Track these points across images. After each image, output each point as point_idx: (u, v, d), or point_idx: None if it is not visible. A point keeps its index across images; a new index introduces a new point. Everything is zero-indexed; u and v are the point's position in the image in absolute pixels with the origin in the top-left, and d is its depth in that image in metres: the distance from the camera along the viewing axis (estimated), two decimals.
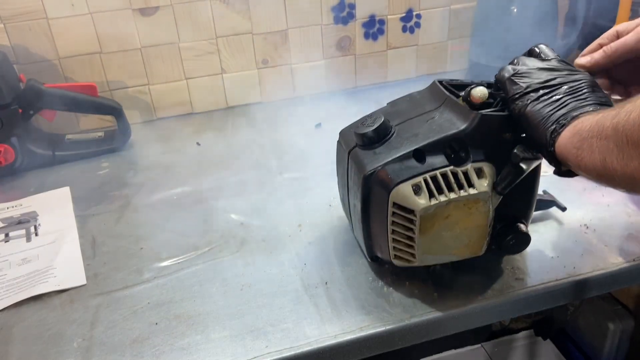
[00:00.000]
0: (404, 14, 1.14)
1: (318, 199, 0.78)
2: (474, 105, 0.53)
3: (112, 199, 0.83)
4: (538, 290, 0.60)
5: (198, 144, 0.99)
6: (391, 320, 0.56)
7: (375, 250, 0.60)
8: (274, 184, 0.84)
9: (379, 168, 0.54)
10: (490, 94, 0.54)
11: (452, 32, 1.19)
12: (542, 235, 0.68)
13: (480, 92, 0.53)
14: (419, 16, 1.15)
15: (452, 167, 0.53)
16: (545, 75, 0.52)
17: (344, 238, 0.69)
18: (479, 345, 1.25)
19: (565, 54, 1.11)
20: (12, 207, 0.81)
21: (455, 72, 1.24)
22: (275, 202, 0.79)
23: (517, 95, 0.52)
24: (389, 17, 1.13)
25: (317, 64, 1.14)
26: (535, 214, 0.69)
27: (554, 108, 0.50)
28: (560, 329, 1.16)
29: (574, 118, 0.48)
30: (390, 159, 0.54)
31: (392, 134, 0.56)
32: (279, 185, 0.84)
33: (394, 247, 0.55)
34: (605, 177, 0.44)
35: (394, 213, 0.53)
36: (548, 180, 0.64)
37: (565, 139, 0.47)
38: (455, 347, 1.19)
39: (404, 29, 1.16)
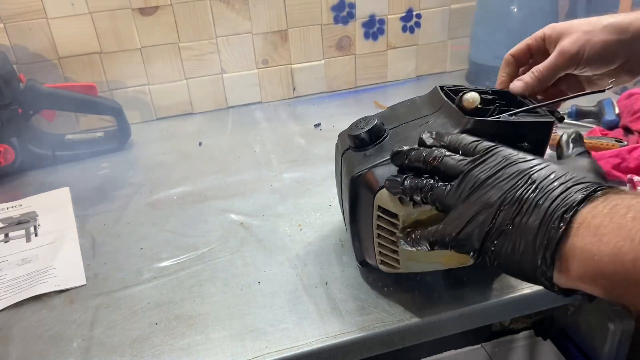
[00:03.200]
0: (404, 14, 1.14)
1: (318, 199, 0.78)
2: (466, 111, 0.52)
3: (112, 199, 0.83)
4: (538, 290, 0.59)
5: (200, 143, 0.99)
6: (391, 320, 0.56)
7: (364, 255, 0.59)
8: (274, 184, 0.84)
9: (366, 170, 0.53)
10: (486, 100, 0.53)
11: (452, 32, 1.19)
12: None
13: (471, 98, 0.52)
14: (419, 16, 1.15)
15: None
16: (496, 192, 0.41)
17: (344, 238, 0.69)
18: (479, 345, 1.25)
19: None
20: (12, 207, 0.81)
21: (455, 72, 1.24)
22: (275, 202, 0.79)
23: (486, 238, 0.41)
24: (389, 16, 1.13)
25: (317, 64, 1.14)
26: None
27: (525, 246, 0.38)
28: (560, 329, 1.16)
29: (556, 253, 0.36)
30: (378, 162, 0.53)
31: (385, 137, 0.56)
32: (279, 185, 0.84)
33: (379, 252, 0.54)
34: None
35: (379, 217, 0.52)
36: None
37: (567, 275, 0.37)
38: (455, 347, 1.19)
39: (404, 29, 1.16)
